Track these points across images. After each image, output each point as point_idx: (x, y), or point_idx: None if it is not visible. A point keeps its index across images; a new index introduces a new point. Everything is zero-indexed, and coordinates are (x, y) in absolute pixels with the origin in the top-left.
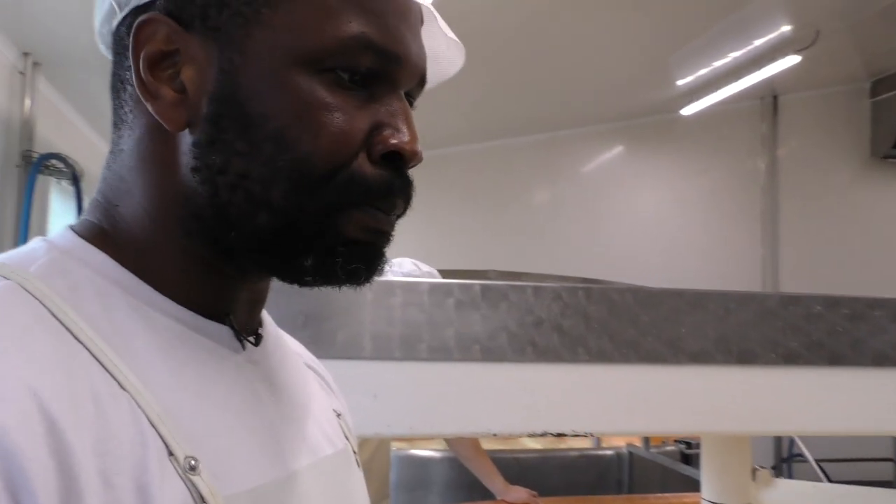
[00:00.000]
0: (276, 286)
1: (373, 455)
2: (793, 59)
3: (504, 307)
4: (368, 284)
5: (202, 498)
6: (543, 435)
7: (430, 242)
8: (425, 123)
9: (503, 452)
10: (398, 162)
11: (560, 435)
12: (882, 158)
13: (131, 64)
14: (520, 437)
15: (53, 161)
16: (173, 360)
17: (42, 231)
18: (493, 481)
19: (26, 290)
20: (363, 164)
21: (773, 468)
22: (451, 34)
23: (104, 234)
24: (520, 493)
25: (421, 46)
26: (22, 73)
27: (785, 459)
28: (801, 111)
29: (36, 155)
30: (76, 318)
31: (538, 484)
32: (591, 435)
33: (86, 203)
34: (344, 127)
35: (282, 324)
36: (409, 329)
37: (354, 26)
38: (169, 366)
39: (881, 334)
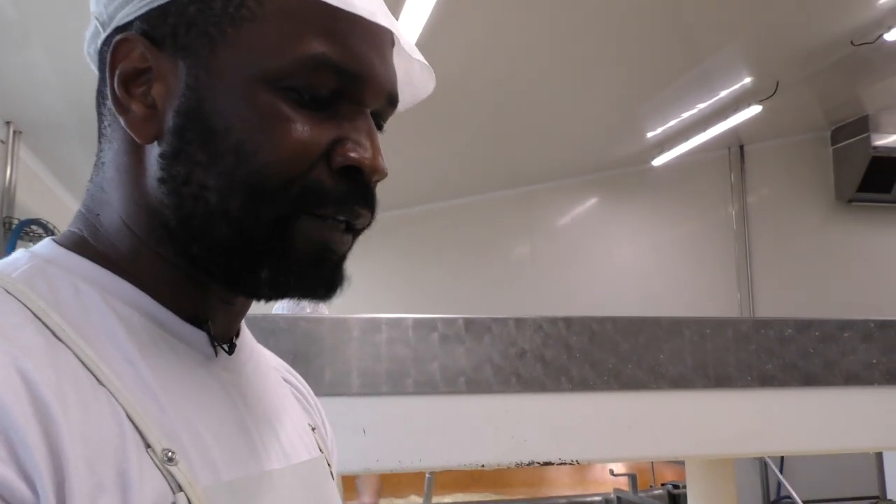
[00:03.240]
0: (265, 325)
1: None
2: (755, 109)
3: (487, 340)
4: (329, 300)
5: (180, 487)
6: (530, 464)
7: (411, 293)
8: (403, 181)
9: (492, 502)
10: (359, 175)
11: (547, 463)
12: (847, 202)
13: (106, 77)
14: (507, 467)
15: (33, 227)
16: (150, 360)
17: None
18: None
19: (9, 293)
20: (321, 174)
21: None
22: (420, 57)
23: (85, 241)
24: None
25: (389, 67)
26: (3, 141)
27: (773, 502)
28: (767, 159)
29: (16, 221)
30: (57, 318)
31: None
32: (578, 463)
33: None
34: (301, 138)
35: None
36: (395, 364)
37: (315, 46)
38: (146, 364)
39: (851, 354)
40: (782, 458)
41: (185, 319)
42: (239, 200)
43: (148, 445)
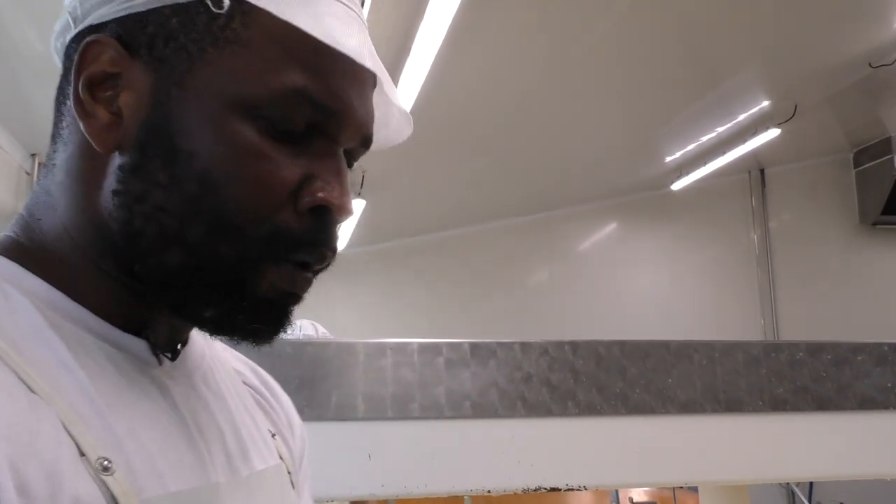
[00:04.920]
0: (271, 350)
1: None
2: (774, 132)
3: (493, 364)
4: (269, 344)
5: (114, 499)
6: (538, 490)
7: (426, 320)
8: (420, 208)
9: None
10: (326, 216)
11: (554, 489)
12: (872, 225)
13: (71, 78)
14: (514, 493)
15: None
16: (87, 368)
17: None
18: None
19: None
20: (288, 217)
21: None
22: (400, 103)
23: (21, 247)
24: None
25: (368, 109)
26: (28, 172)
27: None
28: (789, 183)
29: None
30: None
31: None
32: (585, 488)
33: None
34: (271, 176)
35: None
36: (400, 388)
37: (296, 79)
38: (83, 372)
39: (865, 378)
40: (811, 483)
41: (123, 328)
42: (199, 231)
43: (82, 454)
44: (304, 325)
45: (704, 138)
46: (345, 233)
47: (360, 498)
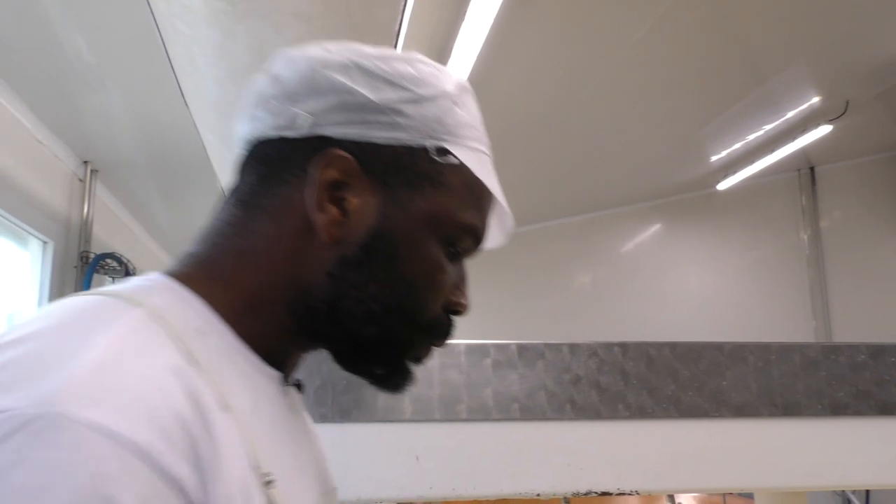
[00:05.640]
0: (318, 353)
1: None
2: (825, 129)
3: (541, 366)
4: (397, 393)
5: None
6: (588, 494)
7: (468, 325)
8: None
9: None
10: (456, 314)
11: (605, 494)
12: None
13: (313, 177)
14: (564, 496)
15: (108, 260)
16: (251, 394)
17: None
18: None
19: (154, 319)
20: (440, 313)
21: None
22: (511, 228)
23: (205, 286)
24: None
25: None
26: (81, 179)
27: None
28: (840, 181)
29: (93, 255)
30: (192, 346)
31: None
32: (637, 493)
33: None
34: (444, 285)
35: (324, 387)
36: (448, 390)
37: (472, 218)
38: (249, 398)
39: None
40: (867, 491)
41: (268, 363)
42: (397, 318)
43: (254, 467)
44: None
45: (752, 136)
46: None
47: (408, 500)
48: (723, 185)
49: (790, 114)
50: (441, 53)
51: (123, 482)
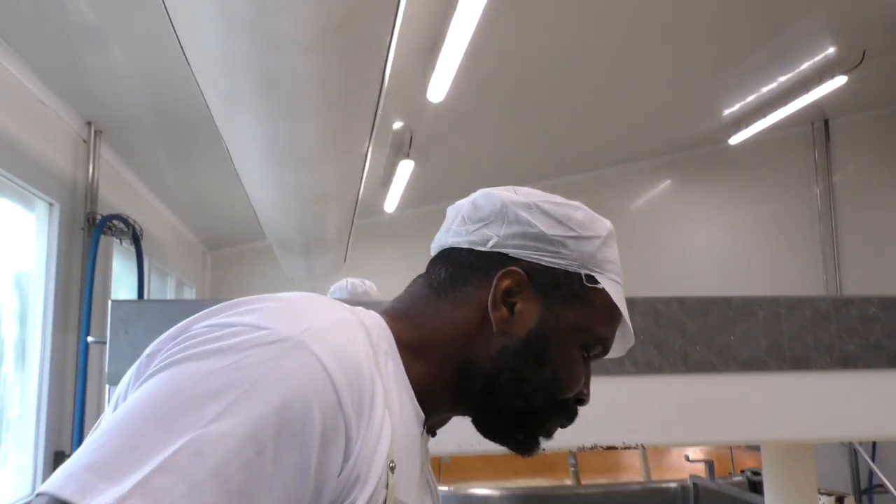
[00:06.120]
0: None
1: None
2: (840, 81)
3: None
4: (525, 456)
5: (387, 485)
6: (594, 448)
7: None
8: (469, 168)
9: (563, 489)
10: (581, 404)
11: (610, 447)
12: None
13: (494, 284)
14: (569, 450)
15: (115, 221)
16: (403, 417)
17: (105, 291)
18: None
19: (367, 333)
20: (571, 400)
21: None
22: (631, 342)
23: (402, 336)
24: None
25: None
26: (85, 140)
27: (864, 491)
28: (854, 134)
29: (99, 216)
30: (378, 360)
31: None
32: (643, 446)
33: (146, 259)
34: (579, 380)
35: None
36: None
37: (605, 332)
38: (401, 421)
39: None
40: (874, 443)
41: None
42: (540, 399)
43: (389, 453)
44: (353, 283)
45: (765, 89)
46: (394, 196)
47: None
48: (735, 140)
49: (805, 65)
50: (446, 11)
51: (319, 398)
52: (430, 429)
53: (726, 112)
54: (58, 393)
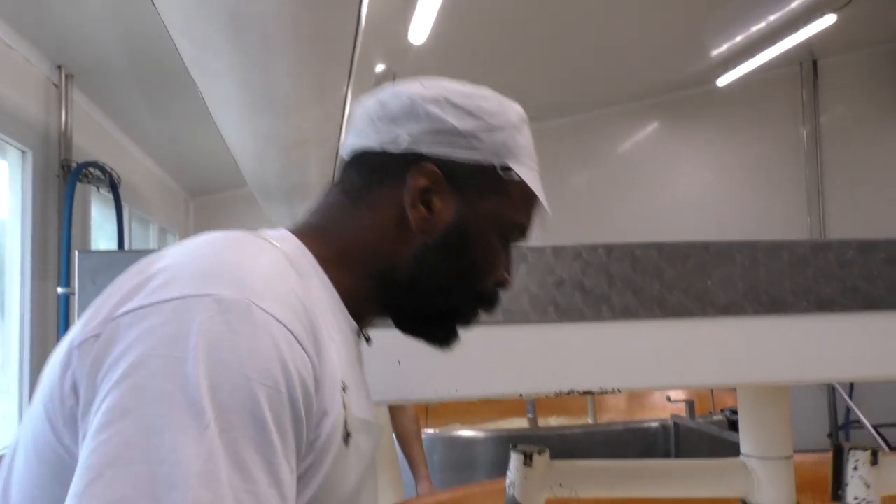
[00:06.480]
0: None
1: None
2: (829, 19)
3: (524, 269)
4: (446, 349)
5: (344, 406)
6: (570, 393)
7: None
8: None
9: (547, 430)
10: (502, 288)
11: (587, 393)
12: None
13: (409, 183)
14: (546, 396)
15: (91, 169)
16: (340, 335)
17: (84, 239)
18: (420, 470)
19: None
20: (491, 287)
21: (829, 435)
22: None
23: (321, 250)
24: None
25: None
26: (56, 85)
27: (842, 426)
28: (843, 74)
29: (74, 164)
30: (309, 284)
31: (584, 458)
32: (619, 391)
33: (126, 208)
34: (498, 266)
35: None
36: None
37: (524, 219)
38: (342, 341)
39: None
40: (852, 383)
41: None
42: (459, 292)
43: (339, 376)
44: None
45: (754, 28)
46: None
47: (391, 402)
48: (723, 81)
49: (794, 3)
50: None
51: (290, 353)
52: (362, 333)
53: (714, 52)
54: (40, 341)
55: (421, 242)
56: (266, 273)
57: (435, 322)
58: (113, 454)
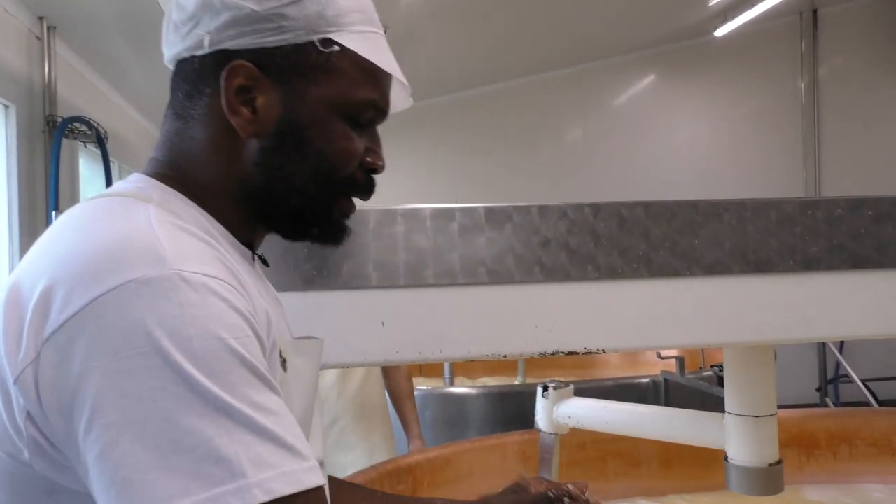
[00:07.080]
0: None
1: (360, 388)
2: None
3: (509, 229)
4: (338, 245)
5: (274, 342)
6: (555, 354)
7: (461, 183)
8: (447, 66)
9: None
10: (374, 171)
11: (572, 353)
12: None
13: (223, 88)
14: (530, 357)
15: (77, 124)
16: (244, 268)
17: (73, 196)
18: (413, 429)
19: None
20: (358, 173)
21: (818, 389)
22: (407, 87)
23: (181, 185)
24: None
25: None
26: (39, 37)
27: (831, 381)
28: (843, 24)
29: (59, 119)
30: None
31: None
32: (604, 352)
33: (115, 164)
34: (353, 151)
35: (286, 256)
36: (413, 256)
37: (370, 93)
38: (248, 272)
39: None
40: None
41: (240, 241)
42: (314, 185)
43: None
44: None
45: None
46: None
47: (374, 363)
48: (721, 32)
49: None
50: None
51: (236, 299)
52: (257, 256)
53: (712, 2)
54: None
55: (257, 147)
56: (160, 234)
57: (312, 222)
58: (141, 462)
